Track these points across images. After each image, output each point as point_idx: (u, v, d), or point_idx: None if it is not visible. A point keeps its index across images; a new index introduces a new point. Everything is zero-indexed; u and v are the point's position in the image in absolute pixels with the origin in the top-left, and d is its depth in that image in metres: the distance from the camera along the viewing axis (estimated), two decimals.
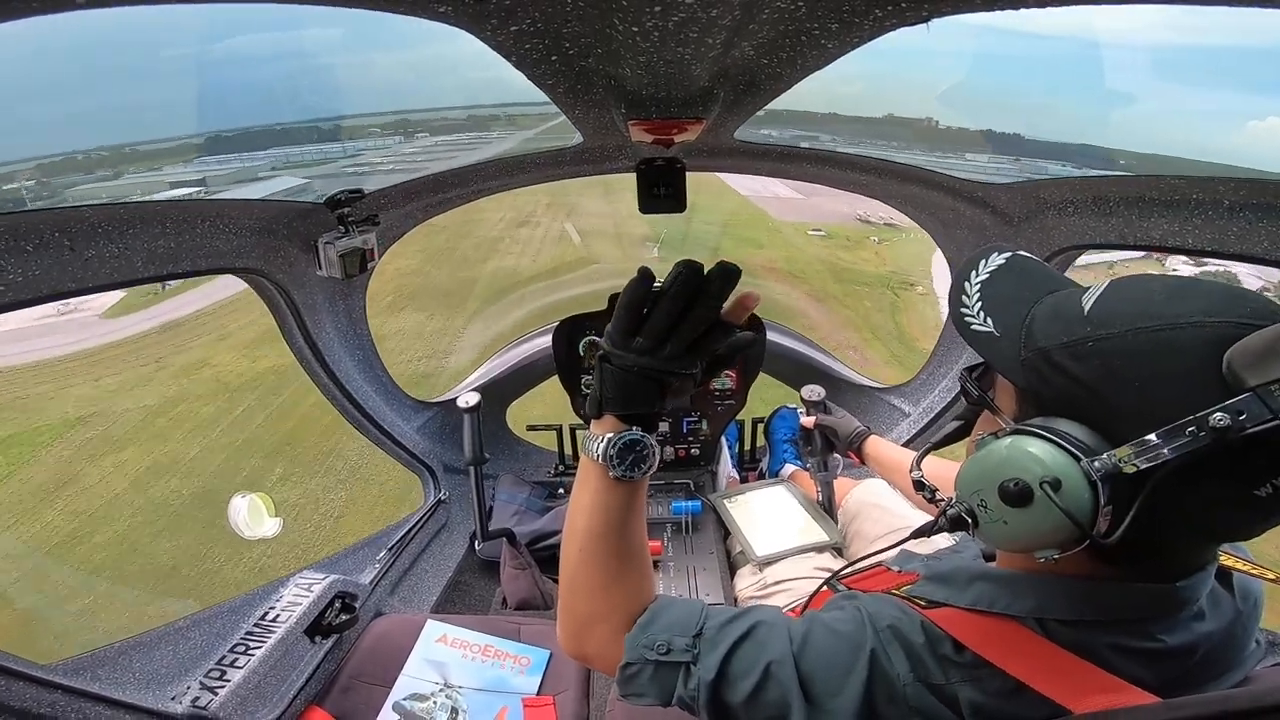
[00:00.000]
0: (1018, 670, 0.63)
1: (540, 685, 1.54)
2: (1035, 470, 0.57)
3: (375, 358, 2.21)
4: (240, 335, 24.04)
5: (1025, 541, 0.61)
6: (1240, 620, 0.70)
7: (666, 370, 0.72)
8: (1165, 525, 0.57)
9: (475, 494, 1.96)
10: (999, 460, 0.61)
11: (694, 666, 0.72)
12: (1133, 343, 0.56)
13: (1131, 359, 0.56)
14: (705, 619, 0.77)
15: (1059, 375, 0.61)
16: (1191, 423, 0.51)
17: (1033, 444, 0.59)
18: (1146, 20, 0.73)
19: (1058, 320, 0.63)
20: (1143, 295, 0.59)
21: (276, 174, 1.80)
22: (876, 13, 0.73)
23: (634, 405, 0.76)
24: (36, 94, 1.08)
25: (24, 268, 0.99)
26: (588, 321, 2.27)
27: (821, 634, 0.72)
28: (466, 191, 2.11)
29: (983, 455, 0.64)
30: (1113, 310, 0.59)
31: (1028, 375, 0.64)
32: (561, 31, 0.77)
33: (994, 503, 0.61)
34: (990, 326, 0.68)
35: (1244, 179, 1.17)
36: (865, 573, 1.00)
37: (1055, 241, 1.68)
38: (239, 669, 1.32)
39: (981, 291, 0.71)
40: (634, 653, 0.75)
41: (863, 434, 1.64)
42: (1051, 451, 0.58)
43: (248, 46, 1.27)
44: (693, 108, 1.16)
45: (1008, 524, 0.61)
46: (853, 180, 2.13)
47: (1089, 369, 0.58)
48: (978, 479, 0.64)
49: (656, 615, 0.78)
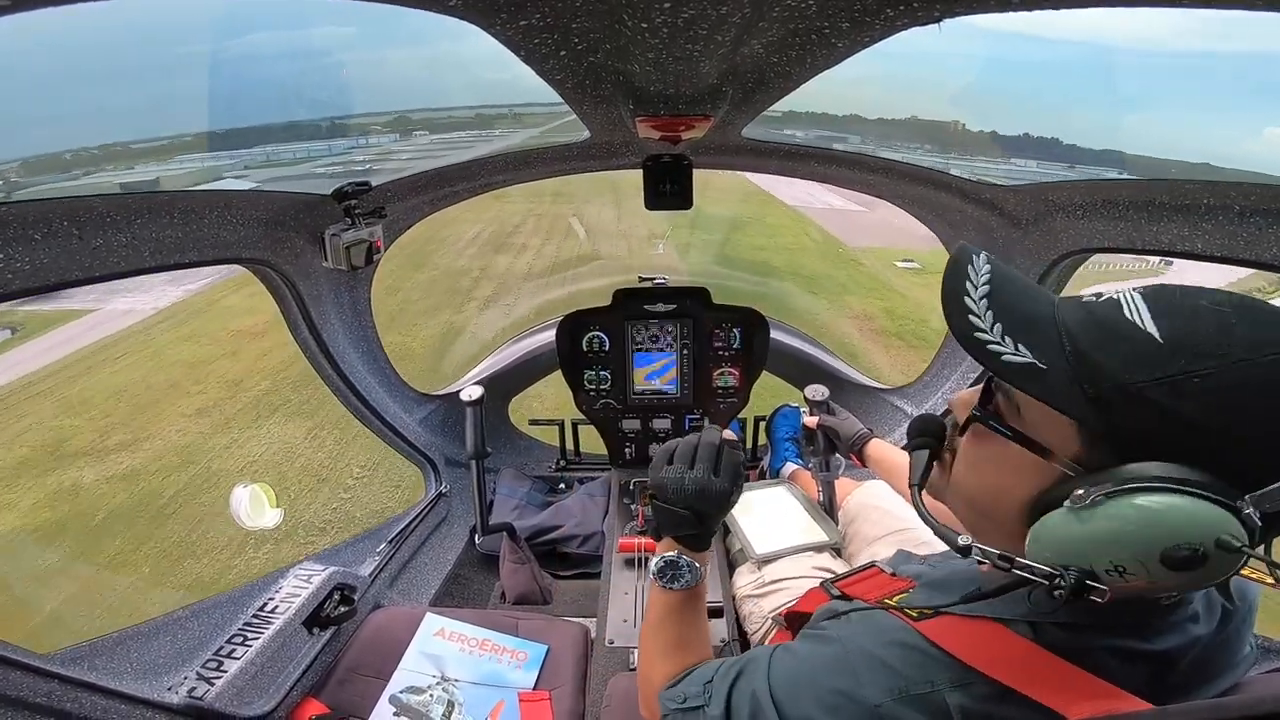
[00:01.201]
0: (1007, 677, 0.63)
1: (537, 680, 1.55)
2: (1206, 530, 0.52)
3: (379, 350, 2.22)
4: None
5: (1167, 591, 0.60)
6: (1235, 624, 0.69)
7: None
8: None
9: (476, 488, 1.96)
10: (1148, 525, 0.53)
11: (706, 708, 0.83)
12: (1240, 375, 0.52)
13: (1245, 394, 0.52)
14: (717, 670, 0.87)
15: (1159, 416, 0.54)
16: None
17: (1181, 501, 0.52)
18: (1168, 23, 0.71)
19: (1121, 348, 0.56)
20: (1210, 316, 0.54)
21: (247, 173, 1.74)
22: (888, 12, 0.72)
23: (679, 530, 0.97)
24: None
25: (31, 256, 0.99)
26: (591, 317, 2.27)
27: (786, 660, 0.80)
28: (473, 185, 2.11)
29: (1107, 519, 0.55)
30: (1191, 336, 0.54)
31: (1110, 416, 0.56)
32: (571, 27, 0.77)
33: (1147, 568, 0.55)
34: (1029, 356, 0.59)
35: (1254, 184, 1.16)
36: (859, 575, 1.00)
37: (1063, 245, 1.67)
38: (236, 659, 1.32)
39: (993, 310, 0.62)
40: (663, 706, 0.90)
41: (865, 436, 1.63)
42: (1206, 507, 0.52)
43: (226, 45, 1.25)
44: (701, 105, 1.15)
45: (1155, 582, 0.56)
46: (861, 180, 2.12)
47: (1199, 407, 0.52)
48: (1109, 546, 0.56)
49: (684, 675, 0.92)
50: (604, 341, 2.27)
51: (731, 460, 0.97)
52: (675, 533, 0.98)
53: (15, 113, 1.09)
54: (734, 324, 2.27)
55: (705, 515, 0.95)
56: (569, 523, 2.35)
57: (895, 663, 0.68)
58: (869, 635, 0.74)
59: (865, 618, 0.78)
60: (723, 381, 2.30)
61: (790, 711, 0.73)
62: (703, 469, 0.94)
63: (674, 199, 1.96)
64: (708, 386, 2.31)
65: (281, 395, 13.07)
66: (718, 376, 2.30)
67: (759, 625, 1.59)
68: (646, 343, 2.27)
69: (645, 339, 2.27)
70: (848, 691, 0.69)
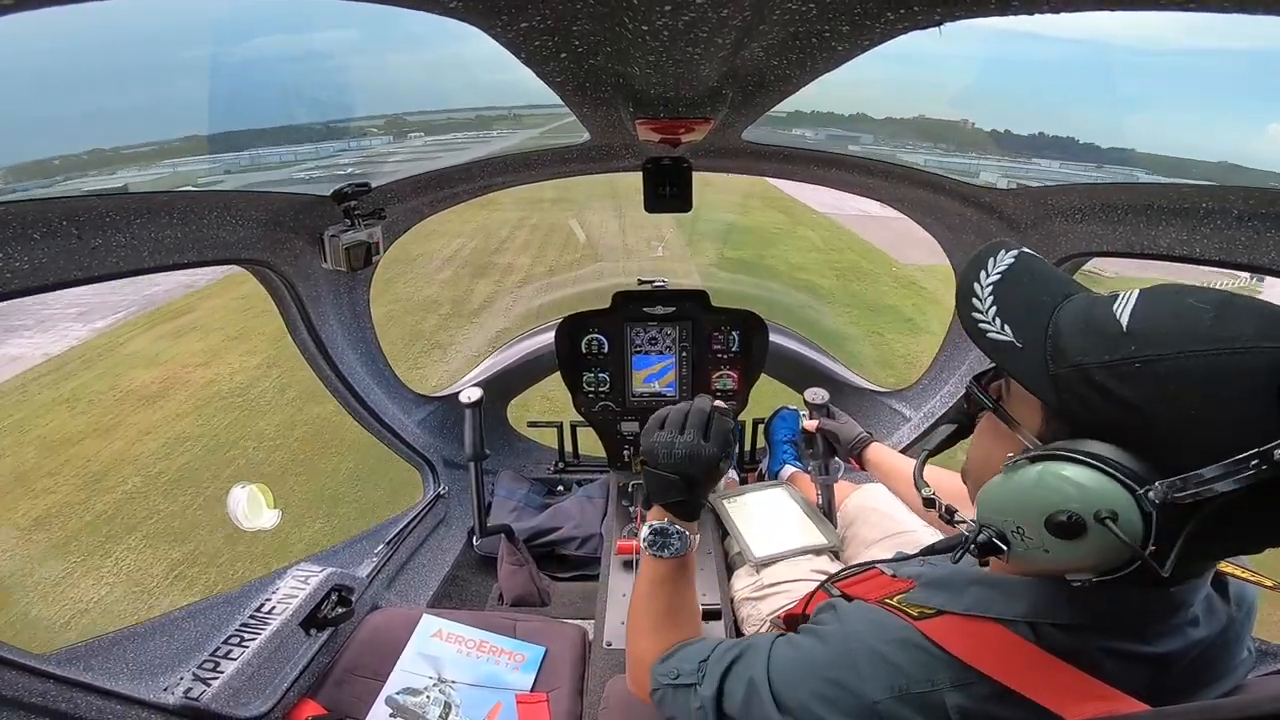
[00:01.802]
0: (1007, 677, 0.63)
1: (534, 682, 1.54)
2: (1091, 502, 0.55)
3: (378, 351, 2.22)
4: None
5: (1066, 568, 0.60)
6: (1233, 627, 0.69)
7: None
8: (1194, 545, 0.56)
9: (474, 489, 1.96)
10: (1044, 488, 0.58)
11: (699, 687, 0.85)
12: (1184, 365, 0.53)
13: (1184, 383, 0.53)
14: (713, 650, 0.89)
15: (1100, 396, 0.57)
16: (1255, 455, 0.49)
17: (1081, 473, 0.56)
18: (1167, 23, 0.71)
19: (1091, 334, 0.59)
20: (1186, 311, 0.55)
21: (226, 178, 1.70)
22: (888, 15, 0.72)
23: (668, 496, 0.99)
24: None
25: (30, 256, 0.98)
26: (591, 319, 2.27)
27: (786, 651, 0.81)
28: (473, 187, 2.11)
29: (1018, 480, 0.60)
30: (1155, 327, 0.56)
31: (1061, 393, 0.60)
32: (571, 29, 0.77)
33: (1037, 532, 0.58)
34: (1010, 335, 0.64)
35: (1254, 187, 1.16)
36: (860, 576, 1.00)
37: (1062, 248, 1.67)
38: (232, 660, 1.32)
39: (995, 295, 0.66)
40: (655, 680, 0.92)
41: (865, 440, 1.63)
42: (1103, 482, 0.55)
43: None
44: (701, 108, 1.16)
45: (1049, 552, 0.58)
46: (859, 183, 2.12)
47: (1137, 392, 0.55)
48: (1014, 506, 0.61)
49: (676, 651, 0.94)
50: (603, 344, 2.27)
51: (721, 427, 1.00)
52: (665, 499, 1.00)
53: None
54: (733, 326, 2.27)
55: (694, 480, 0.97)
56: (567, 525, 2.34)
57: (897, 660, 0.69)
58: (872, 631, 0.74)
59: (868, 613, 0.78)
60: (721, 384, 2.30)
61: (787, 701, 0.74)
62: (692, 434, 0.97)
63: (673, 201, 1.96)
64: (707, 389, 2.31)
65: (148, 504, 8.62)
66: (716, 379, 2.30)
67: (757, 628, 1.59)
68: (645, 345, 2.27)
69: (644, 341, 2.27)
70: (847, 684, 0.70)
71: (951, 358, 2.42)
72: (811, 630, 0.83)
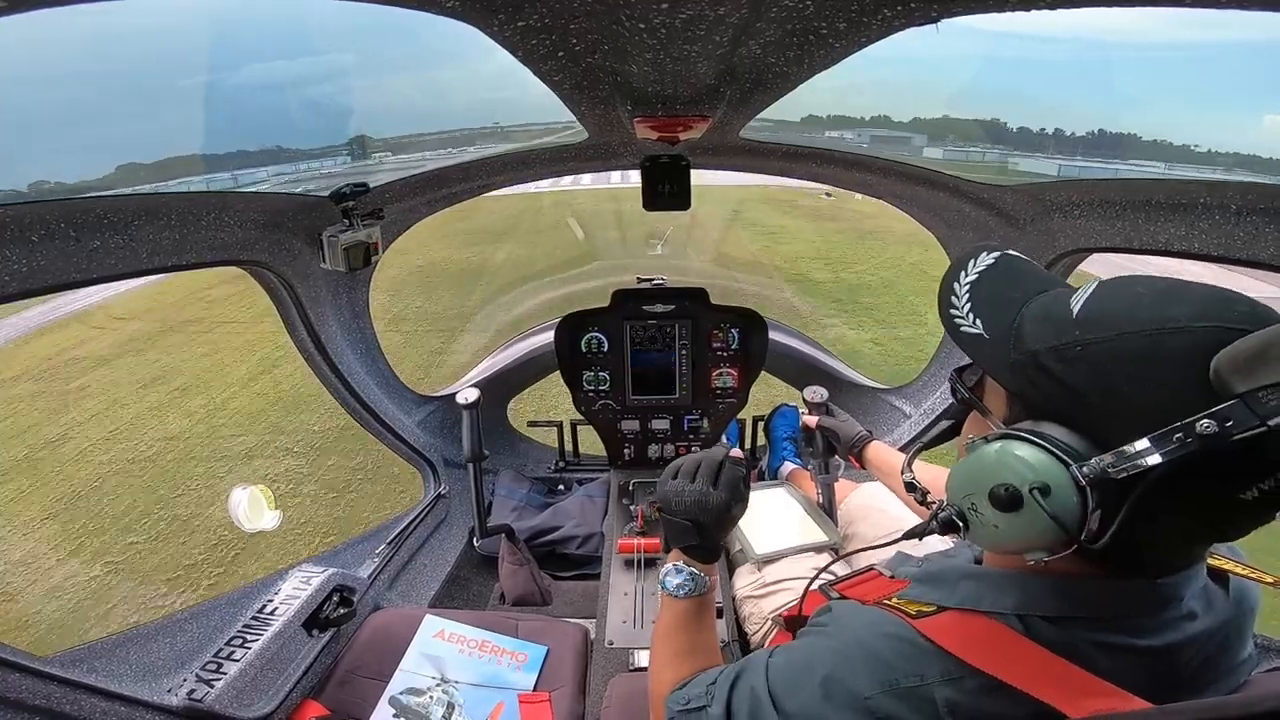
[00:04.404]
0: (1000, 670, 0.63)
1: (537, 681, 1.55)
2: (1025, 475, 0.58)
3: (377, 351, 2.21)
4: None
5: (1015, 545, 0.62)
6: (1234, 623, 0.69)
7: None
8: (1148, 527, 0.58)
9: (474, 490, 1.96)
10: (989, 464, 0.62)
11: (709, 709, 0.85)
12: (1120, 347, 0.56)
13: (1119, 364, 0.56)
14: (720, 673, 0.89)
15: (1047, 379, 0.61)
16: (1179, 429, 0.51)
17: (1022, 449, 0.60)
18: (1163, 18, 0.71)
19: (1047, 322, 0.62)
20: (1130, 297, 0.58)
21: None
22: (885, 12, 0.72)
23: (682, 540, 1.05)
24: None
25: (29, 258, 0.98)
26: (590, 318, 2.27)
27: (783, 657, 0.81)
28: (471, 186, 2.11)
29: (973, 459, 0.64)
30: (1101, 313, 0.59)
31: (1016, 378, 0.64)
32: (569, 27, 0.77)
33: (985, 507, 0.62)
34: (979, 328, 0.68)
35: (1252, 182, 1.16)
36: (858, 578, 1.00)
37: (1060, 244, 1.67)
38: (235, 661, 1.32)
39: (971, 292, 0.71)
40: (669, 710, 0.93)
41: (864, 439, 1.63)
42: (1041, 457, 0.58)
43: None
44: (699, 105, 1.16)
45: (998, 528, 0.62)
46: (858, 180, 2.13)
47: (1076, 373, 0.58)
48: (968, 482, 0.65)
49: (689, 681, 0.96)
50: (603, 342, 2.27)
51: (732, 476, 1.04)
52: (680, 544, 1.05)
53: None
54: (732, 324, 2.27)
55: (704, 527, 1.02)
56: (568, 524, 2.35)
57: (886, 655, 0.69)
58: (864, 626, 0.75)
59: (862, 612, 0.79)
60: (721, 382, 2.30)
61: (787, 705, 0.75)
62: (703, 483, 1.03)
63: (672, 199, 1.96)
64: (706, 387, 2.31)
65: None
66: (716, 377, 2.30)
67: (759, 626, 1.59)
68: (645, 343, 2.28)
69: (644, 339, 2.27)
70: (842, 679, 0.70)
71: (950, 355, 2.43)
72: (808, 633, 0.84)
